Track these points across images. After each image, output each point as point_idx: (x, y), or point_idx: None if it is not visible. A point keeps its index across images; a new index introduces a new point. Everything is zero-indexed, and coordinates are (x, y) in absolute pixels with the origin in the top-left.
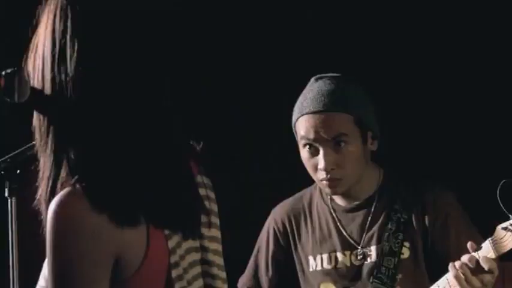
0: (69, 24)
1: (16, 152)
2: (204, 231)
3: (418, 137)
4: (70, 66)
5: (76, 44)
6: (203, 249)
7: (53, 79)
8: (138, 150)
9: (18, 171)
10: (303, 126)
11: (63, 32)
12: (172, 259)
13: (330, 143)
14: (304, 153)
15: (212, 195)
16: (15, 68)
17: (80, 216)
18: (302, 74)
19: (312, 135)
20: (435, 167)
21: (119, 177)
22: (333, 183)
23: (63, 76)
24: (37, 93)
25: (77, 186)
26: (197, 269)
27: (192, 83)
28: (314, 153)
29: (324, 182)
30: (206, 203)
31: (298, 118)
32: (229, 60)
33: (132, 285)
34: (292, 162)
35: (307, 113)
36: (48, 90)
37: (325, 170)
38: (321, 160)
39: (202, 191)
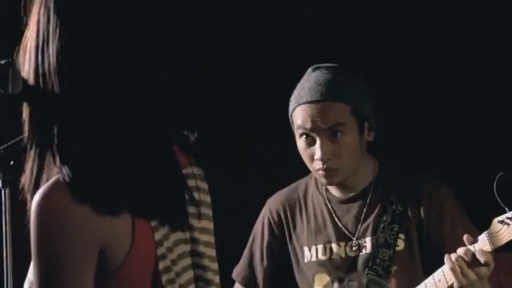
0: (51, 15)
1: (9, 143)
2: (194, 222)
3: (414, 129)
4: (52, 57)
5: (57, 35)
6: (193, 240)
7: (35, 70)
8: (122, 142)
9: (12, 162)
10: (299, 115)
11: (47, 23)
12: (159, 251)
13: (327, 133)
14: (300, 143)
15: (204, 185)
16: (9, 60)
17: (63, 209)
18: (301, 64)
19: (308, 125)
20: (431, 159)
21: (103, 168)
22: (329, 173)
23: (46, 67)
24: (26, 84)
25: (60, 178)
26: (187, 261)
27: (191, 73)
28: (310, 143)
29: (320, 172)
30: (196, 194)
31: (295, 108)
32: (228, 51)
33: (120, 276)
34: (290, 153)
35: (304, 103)
36: (31, 81)
37: (322, 159)
38: (317, 150)
39: (191, 182)
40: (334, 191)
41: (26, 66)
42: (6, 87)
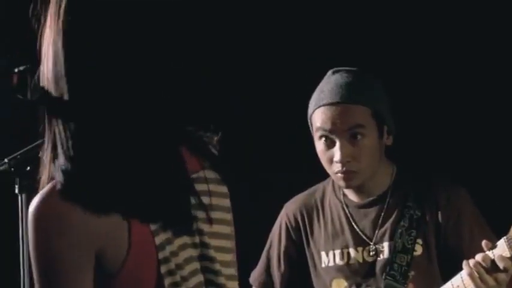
0: (60, 23)
1: (26, 148)
2: (204, 227)
3: (432, 133)
4: (62, 60)
5: (67, 42)
6: (203, 245)
7: (50, 73)
8: (124, 145)
9: (28, 168)
10: (319, 117)
11: (57, 31)
12: (160, 255)
13: (346, 135)
14: (319, 145)
15: (219, 189)
16: (28, 66)
17: (58, 214)
18: (303, 65)
19: (328, 127)
20: (449, 164)
21: (100, 171)
22: (348, 176)
23: (58, 70)
24: (43, 89)
25: (56, 182)
26: (195, 265)
27: (192, 73)
28: (330, 145)
29: (339, 174)
30: (205, 198)
31: (314, 110)
32: (229, 51)
33: (120, 279)
34: (291, 154)
35: (324, 105)
36: (48, 86)
37: (341, 162)
38: (336, 152)
39: (201, 187)
40: (351, 195)
41: (44, 71)
42: (25, 93)
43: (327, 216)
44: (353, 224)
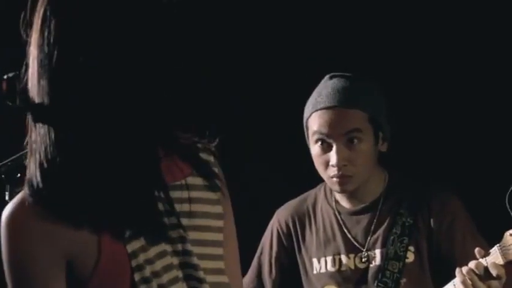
0: (46, 30)
1: (17, 155)
2: (185, 234)
3: (424, 140)
4: (43, 70)
5: (48, 48)
6: (185, 253)
7: (34, 83)
8: (95, 154)
9: (19, 174)
10: (316, 121)
11: (40, 37)
12: (133, 263)
13: (343, 139)
14: (315, 149)
15: (205, 195)
16: (17, 72)
17: (27, 223)
18: (303, 66)
19: (325, 130)
20: (442, 172)
21: (69, 180)
22: (344, 180)
23: (39, 80)
24: (29, 95)
25: (24, 191)
26: (175, 273)
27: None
28: (326, 149)
29: (334, 179)
30: (181, 205)
31: (311, 114)
32: (229, 51)
33: (92, 286)
34: (291, 154)
35: (321, 108)
36: (33, 92)
37: (338, 165)
38: (333, 156)
39: (181, 194)
40: (343, 202)
41: (29, 77)
42: (14, 100)
43: (318, 222)
44: (345, 230)
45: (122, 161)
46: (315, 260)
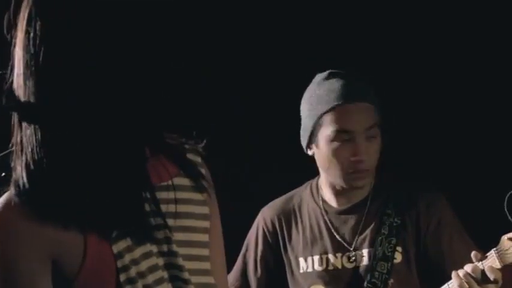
0: (31, 31)
1: (1, 154)
2: (171, 235)
3: (417, 140)
4: (29, 70)
5: (34, 47)
6: (170, 254)
7: (20, 82)
8: (81, 154)
9: (3, 174)
10: (336, 117)
11: (24, 36)
12: (119, 263)
13: (365, 134)
14: (333, 145)
15: (192, 196)
16: (3, 71)
17: (12, 223)
18: (303, 65)
19: (349, 125)
20: (439, 175)
21: (55, 180)
22: (363, 174)
23: (25, 79)
24: (15, 95)
25: (11, 191)
26: (160, 274)
27: (192, 73)
28: (346, 144)
29: (353, 174)
30: (168, 206)
31: (327, 111)
32: (229, 51)
33: (78, 285)
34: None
35: (341, 104)
36: (19, 92)
37: (362, 160)
38: (357, 150)
39: (167, 195)
40: (331, 201)
41: (15, 76)
42: (0, 100)
43: (305, 221)
44: (332, 230)
45: (109, 161)
46: (301, 259)
